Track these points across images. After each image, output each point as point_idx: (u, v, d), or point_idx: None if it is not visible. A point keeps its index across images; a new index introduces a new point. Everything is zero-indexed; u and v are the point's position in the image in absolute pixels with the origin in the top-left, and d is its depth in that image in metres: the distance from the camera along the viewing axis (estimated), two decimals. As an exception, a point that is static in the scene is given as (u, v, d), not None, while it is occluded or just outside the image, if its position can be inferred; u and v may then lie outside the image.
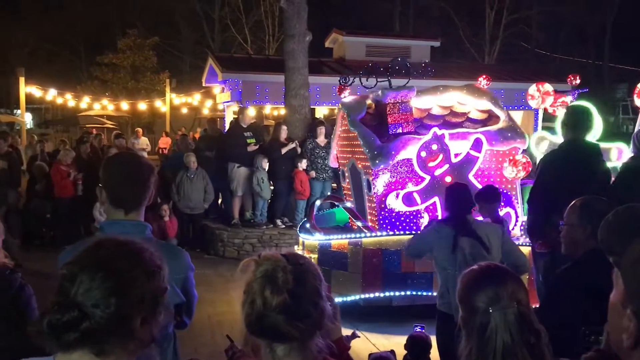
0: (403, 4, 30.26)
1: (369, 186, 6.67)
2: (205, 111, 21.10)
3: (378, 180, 6.48)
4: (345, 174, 7.65)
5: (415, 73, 7.17)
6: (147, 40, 28.20)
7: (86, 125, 23.71)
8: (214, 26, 29.56)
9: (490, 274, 1.96)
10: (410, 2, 30.34)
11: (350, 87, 7.30)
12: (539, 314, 1.95)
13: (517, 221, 6.65)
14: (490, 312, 1.84)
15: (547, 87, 6.79)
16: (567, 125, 4.79)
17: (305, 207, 9.34)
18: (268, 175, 9.77)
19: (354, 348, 2.42)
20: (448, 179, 6.38)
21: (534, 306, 1.99)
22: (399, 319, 6.19)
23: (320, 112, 14.53)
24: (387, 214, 6.52)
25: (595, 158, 4.69)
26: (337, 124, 7.58)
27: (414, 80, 7.30)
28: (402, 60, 7.25)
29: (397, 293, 6.42)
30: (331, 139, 8.05)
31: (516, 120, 13.08)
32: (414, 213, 6.54)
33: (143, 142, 18.89)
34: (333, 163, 8.04)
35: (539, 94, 6.77)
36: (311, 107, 11.37)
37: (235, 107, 12.58)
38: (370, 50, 13.34)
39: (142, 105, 22.05)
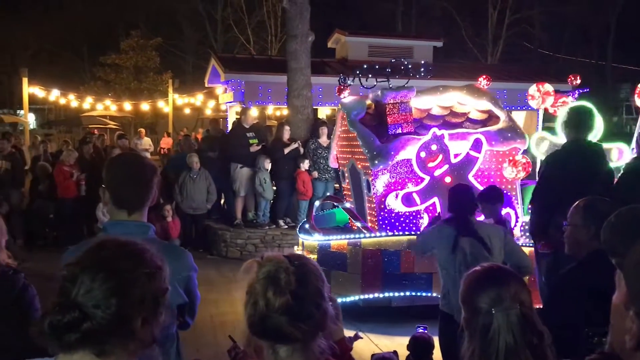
0: (405, 4, 30.21)
1: (368, 187, 6.66)
2: (208, 112, 21.09)
3: (377, 180, 6.47)
4: (345, 175, 7.64)
5: (412, 73, 7.13)
6: (150, 41, 28.22)
7: (89, 125, 23.71)
8: (216, 26, 29.57)
9: (493, 275, 1.96)
10: (413, 2, 30.30)
11: (350, 88, 7.29)
12: (542, 315, 1.94)
13: (517, 221, 6.63)
14: (492, 313, 1.84)
15: (548, 87, 6.78)
16: (569, 125, 4.78)
17: (308, 208, 9.34)
18: (270, 176, 9.78)
19: (357, 349, 2.42)
20: (448, 180, 6.37)
21: (536, 307, 1.98)
22: (402, 319, 6.18)
23: (323, 112, 14.53)
24: (386, 215, 6.50)
25: (598, 158, 4.68)
26: (337, 124, 7.58)
27: (416, 81, 7.29)
28: (401, 61, 7.23)
29: (397, 293, 6.42)
30: (326, 139, 8.04)
31: (519, 120, 13.20)
32: (414, 213, 6.53)
33: (146, 142, 18.87)
34: (333, 163, 8.03)
35: (539, 94, 6.76)
36: (314, 107, 11.37)
37: (238, 108, 12.57)
38: (373, 51, 13.31)
39: (145, 106, 22.04)
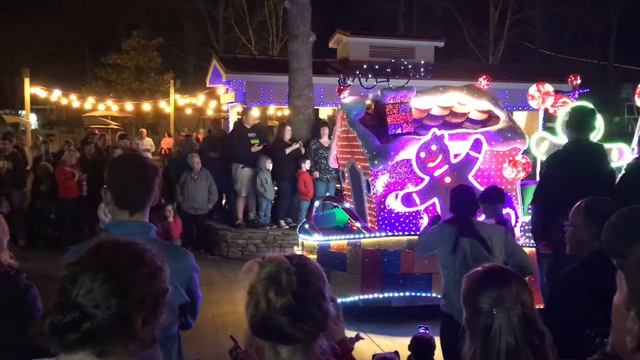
0: (407, 4, 30.21)
1: (368, 187, 6.65)
2: (210, 112, 21.11)
3: (377, 181, 6.47)
4: (345, 175, 7.64)
5: (412, 74, 7.13)
6: (152, 41, 28.23)
7: (90, 126, 23.70)
8: (218, 27, 29.57)
9: (494, 276, 1.96)
10: (414, 2, 30.29)
11: (350, 88, 7.28)
12: (543, 315, 1.95)
13: (516, 222, 6.63)
14: (494, 313, 1.84)
15: (548, 88, 6.78)
16: (570, 126, 4.78)
17: (308, 208, 9.34)
18: (272, 176, 9.78)
19: (358, 349, 2.42)
20: (447, 180, 6.37)
21: (537, 307, 1.98)
22: (403, 320, 6.19)
23: (324, 112, 14.54)
24: (386, 215, 6.50)
25: (600, 159, 4.68)
26: (337, 124, 7.57)
27: (416, 81, 7.29)
28: (401, 61, 7.23)
29: (396, 294, 6.41)
30: (328, 139, 8.04)
31: (521, 121, 13.20)
32: (413, 214, 6.52)
33: (147, 142, 18.87)
34: (333, 164, 8.02)
35: (539, 94, 6.76)
36: (315, 107, 11.37)
37: (239, 108, 12.58)
38: (374, 51, 13.30)
39: (147, 106, 22.05)
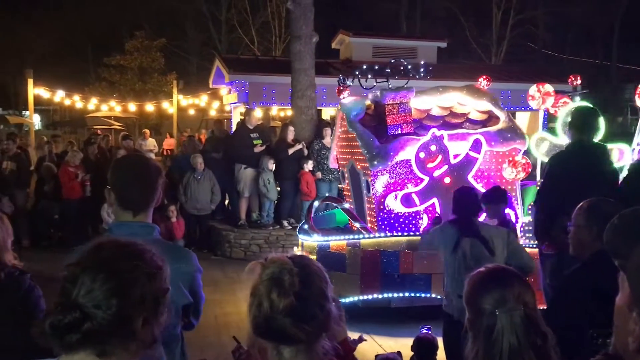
0: (409, 4, 30.19)
1: (367, 187, 6.64)
2: (212, 112, 21.12)
3: (377, 181, 6.46)
4: (345, 175, 7.63)
5: (412, 74, 7.12)
6: (155, 42, 28.30)
7: (94, 126, 23.77)
8: (220, 27, 29.60)
9: (497, 276, 1.96)
10: (417, 3, 30.27)
11: (349, 88, 7.28)
12: (546, 316, 1.95)
13: (516, 222, 6.62)
14: (496, 314, 1.84)
15: (548, 88, 6.78)
16: (573, 126, 4.78)
17: (307, 208, 9.33)
18: (274, 177, 9.79)
19: (361, 349, 2.43)
20: (447, 180, 6.37)
21: (540, 308, 1.98)
22: (406, 320, 6.19)
23: (327, 113, 14.54)
24: (385, 215, 6.49)
25: (603, 159, 4.68)
26: (337, 124, 7.56)
27: (418, 81, 7.29)
28: (401, 61, 7.22)
29: (396, 294, 6.40)
30: (330, 140, 8.03)
31: (523, 121, 13.18)
32: (413, 214, 6.51)
33: (150, 143, 18.91)
34: (333, 164, 8.01)
35: (539, 94, 6.76)
36: (318, 108, 11.38)
37: (242, 108, 12.59)
38: (377, 51, 13.30)
39: (150, 107, 22.08)
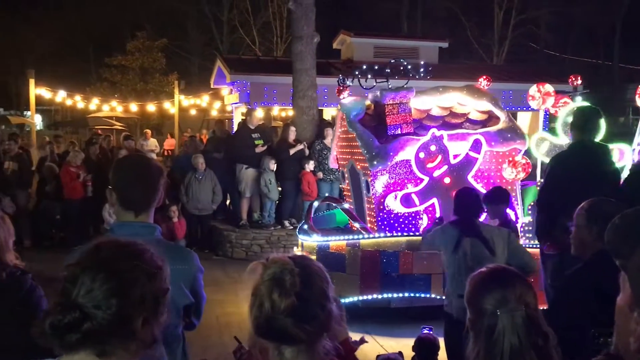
0: (411, 4, 30.18)
1: (367, 187, 6.63)
2: (214, 112, 21.11)
3: (376, 181, 6.45)
4: (345, 175, 7.62)
5: (412, 74, 7.11)
6: (156, 42, 28.31)
7: (95, 126, 23.77)
8: (222, 28, 29.63)
9: (498, 277, 1.96)
10: (418, 2, 30.26)
11: (349, 88, 7.27)
12: (548, 316, 1.94)
13: (516, 222, 6.62)
14: (497, 314, 1.84)
15: (548, 88, 6.78)
16: (575, 126, 4.77)
17: (307, 209, 9.31)
18: (276, 177, 9.79)
19: (362, 349, 2.42)
20: (447, 180, 6.36)
21: (541, 308, 1.98)
22: (407, 320, 6.19)
23: (328, 113, 14.53)
24: (385, 216, 6.48)
25: (604, 159, 4.68)
26: (337, 124, 7.56)
27: (419, 81, 7.28)
28: (400, 62, 7.21)
29: (396, 295, 6.38)
30: (331, 140, 8.02)
31: (525, 121, 13.16)
32: (413, 214, 6.50)
33: (152, 143, 18.92)
34: (333, 164, 8.00)
35: (539, 94, 6.75)
36: (319, 108, 11.38)
37: (244, 109, 12.59)
38: (378, 51, 13.28)
39: (151, 107, 22.05)
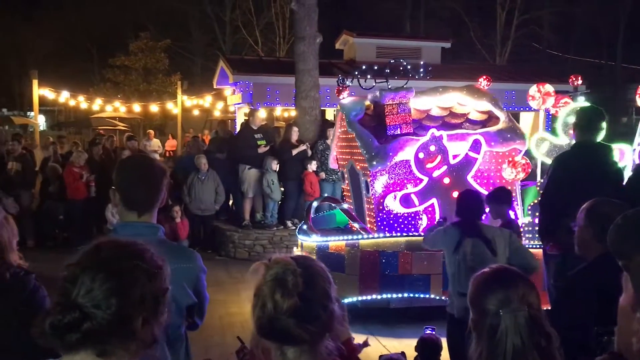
0: (413, 5, 30.16)
1: (367, 188, 6.62)
2: (217, 113, 21.13)
3: (376, 181, 6.44)
4: (345, 176, 7.61)
5: (411, 74, 7.11)
6: (159, 43, 28.34)
7: (98, 127, 23.81)
8: (225, 28, 29.64)
9: (501, 277, 1.96)
10: (421, 3, 30.24)
11: (349, 88, 7.27)
12: (551, 316, 1.94)
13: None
14: (500, 314, 1.84)
15: (548, 88, 6.77)
16: (578, 127, 4.77)
17: (306, 209, 9.31)
18: (278, 177, 9.79)
19: (365, 349, 2.43)
20: (446, 181, 6.35)
21: (544, 308, 1.98)
22: (409, 321, 6.19)
23: (331, 113, 14.52)
24: (385, 216, 6.47)
25: (607, 159, 4.67)
26: (336, 125, 7.55)
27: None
28: (400, 62, 7.21)
29: (395, 295, 6.38)
30: (331, 140, 8.02)
31: (528, 122, 13.13)
32: (412, 215, 6.49)
33: (155, 144, 18.92)
34: (333, 164, 7.99)
35: (539, 94, 6.74)
36: (321, 108, 11.38)
37: (246, 109, 12.60)
38: (381, 52, 13.26)
39: (154, 107, 22.08)
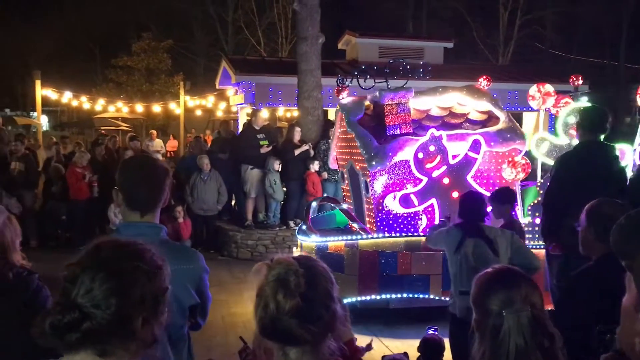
0: (416, 5, 30.12)
1: (366, 188, 6.62)
2: (219, 113, 21.16)
3: (375, 181, 6.43)
4: (345, 176, 7.61)
5: (411, 74, 7.10)
6: (161, 43, 28.36)
7: (101, 127, 23.85)
8: (227, 29, 29.64)
9: (504, 277, 1.96)
10: (423, 3, 30.20)
11: (348, 88, 7.26)
12: (553, 317, 1.94)
13: None
14: (503, 314, 1.84)
15: (548, 88, 6.75)
16: (582, 126, 4.76)
17: (305, 209, 9.30)
18: (281, 177, 9.80)
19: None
20: (446, 181, 6.34)
21: (547, 308, 1.98)
22: (411, 321, 6.19)
23: (333, 113, 14.54)
24: (384, 216, 6.46)
25: (611, 160, 4.66)
26: (336, 125, 7.55)
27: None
28: (400, 62, 7.21)
29: (394, 295, 6.37)
30: (330, 140, 8.02)
31: (531, 122, 13.11)
32: (412, 215, 6.48)
33: (157, 144, 18.96)
34: (333, 164, 7.99)
35: (539, 94, 6.73)
36: (324, 108, 11.38)
37: (249, 109, 12.61)
38: (383, 52, 13.26)
39: (157, 108, 22.11)
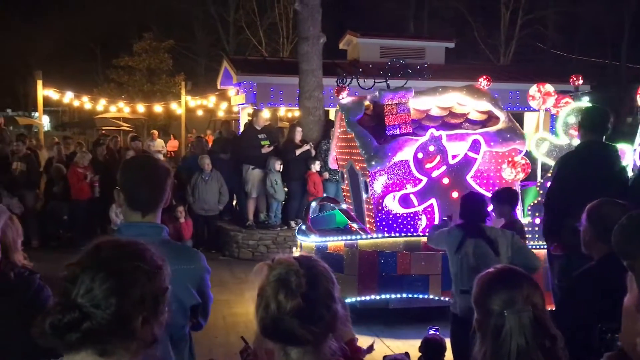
0: (417, 5, 30.11)
1: (366, 188, 6.62)
2: (221, 113, 21.16)
3: (375, 182, 6.43)
4: (344, 176, 7.61)
5: (410, 74, 7.10)
6: (163, 43, 28.38)
7: (102, 127, 23.87)
8: (228, 29, 29.64)
9: (506, 277, 1.96)
10: (425, 3, 30.18)
11: (348, 88, 7.25)
12: (554, 317, 1.94)
13: None
14: (505, 315, 1.84)
15: (548, 88, 6.75)
16: (584, 127, 4.75)
17: (305, 209, 9.30)
18: (282, 177, 9.80)
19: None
20: (445, 181, 6.34)
21: (548, 309, 1.97)
22: (412, 321, 6.19)
23: (334, 113, 14.54)
24: (384, 216, 6.46)
25: (613, 160, 4.65)
26: (336, 125, 7.55)
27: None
28: (399, 62, 7.21)
29: (394, 295, 6.37)
30: (330, 140, 8.02)
31: (532, 122, 13.10)
32: (411, 215, 6.48)
33: (159, 144, 18.96)
34: (332, 164, 7.99)
35: (539, 94, 6.72)
36: (325, 108, 11.38)
37: (250, 109, 12.62)
38: (385, 52, 13.25)
39: (158, 108, 22.12)
